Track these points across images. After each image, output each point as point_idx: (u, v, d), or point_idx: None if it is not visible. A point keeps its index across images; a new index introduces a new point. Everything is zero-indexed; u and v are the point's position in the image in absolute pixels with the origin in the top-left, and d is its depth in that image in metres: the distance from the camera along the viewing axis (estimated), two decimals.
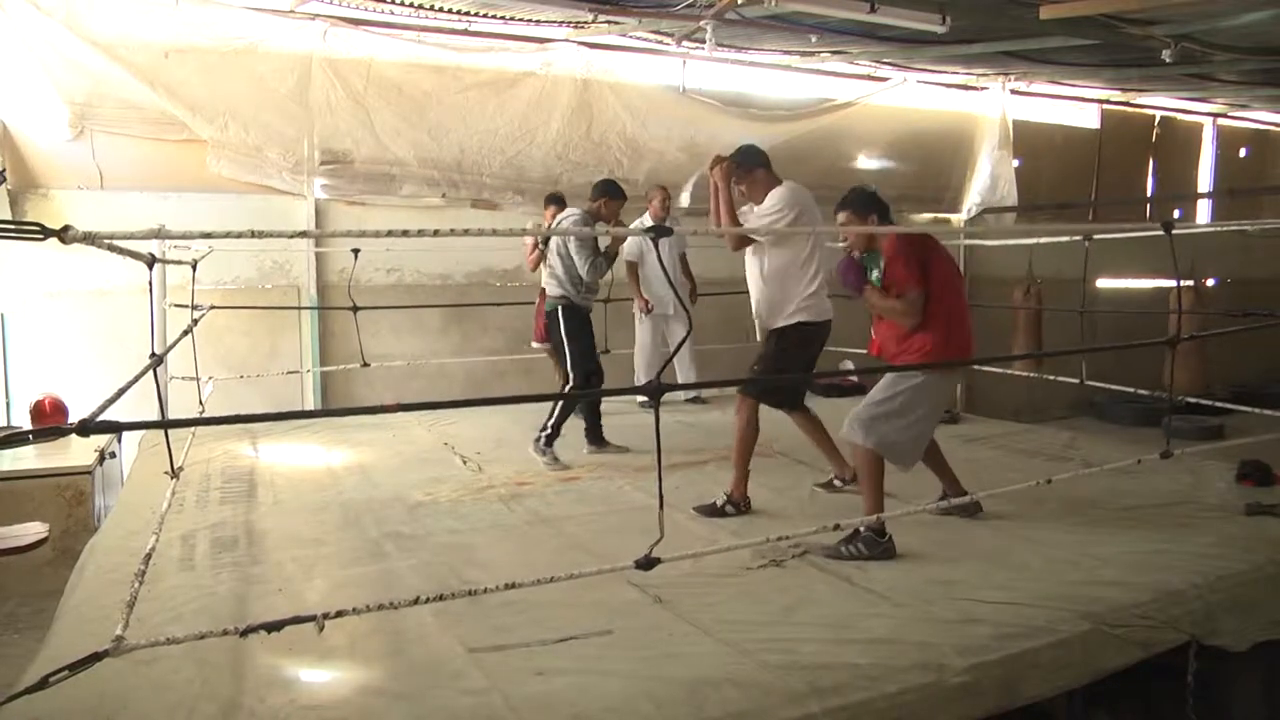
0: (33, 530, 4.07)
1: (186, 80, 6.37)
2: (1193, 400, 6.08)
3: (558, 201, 6.34)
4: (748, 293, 7.78)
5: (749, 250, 4.34)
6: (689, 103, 8.08)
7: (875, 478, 3.63)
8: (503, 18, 6.74)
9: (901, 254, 3.69)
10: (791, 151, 8.42)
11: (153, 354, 3.35)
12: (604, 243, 5.42)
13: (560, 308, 5.36)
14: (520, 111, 7.43)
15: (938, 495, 3.98)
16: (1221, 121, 11.51)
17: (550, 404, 5.33)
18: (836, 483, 4.48)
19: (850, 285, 3.84)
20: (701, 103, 8.11)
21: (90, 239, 2.09)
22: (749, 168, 4.32)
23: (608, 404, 6.56)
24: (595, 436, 5.58)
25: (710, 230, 4.97)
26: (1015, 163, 9.51)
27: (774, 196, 4.22)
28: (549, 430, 5.18)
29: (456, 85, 7.21)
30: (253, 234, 2.33)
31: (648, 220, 6.60)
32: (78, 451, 5.29)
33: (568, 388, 5.41)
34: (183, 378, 5.62)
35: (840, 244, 4.15)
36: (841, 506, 4.08)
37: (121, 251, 3.24)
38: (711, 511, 4.11)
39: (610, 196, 5.39)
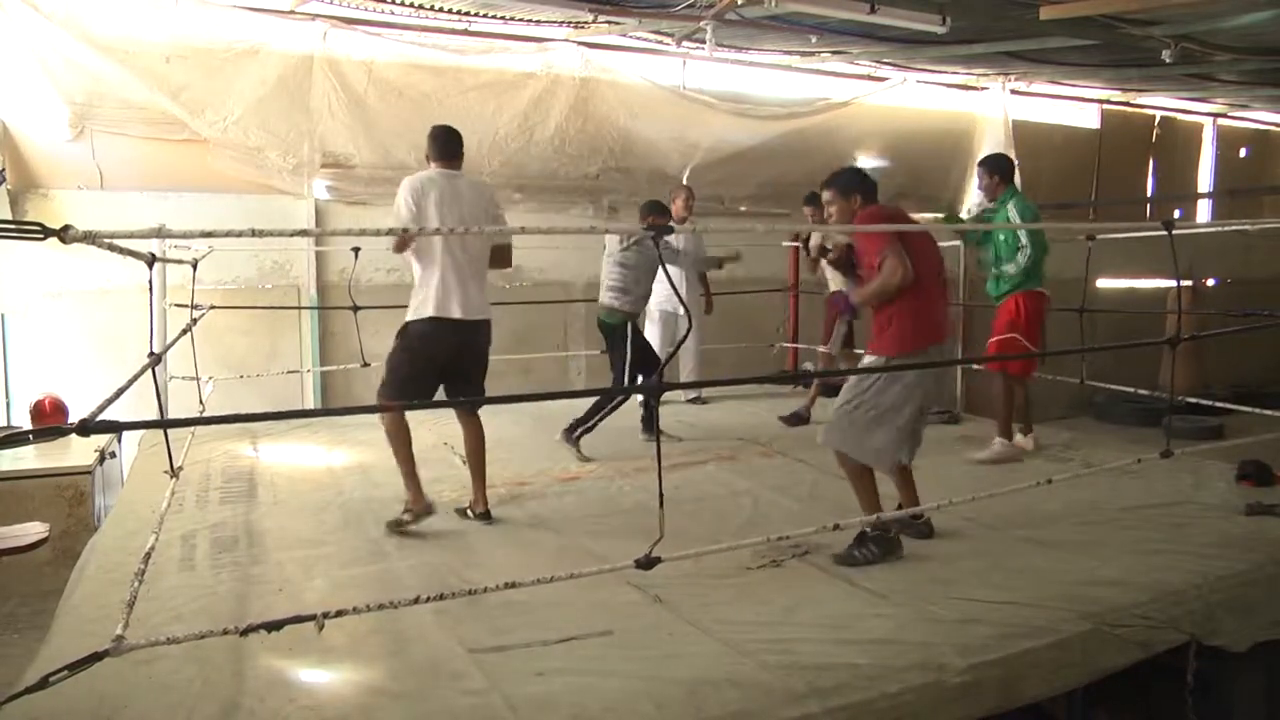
0: (33, 530, 4.07)
1: (187, 81, 6.36)
2: (1193, 400, 6.08)
3: (814, 202, 6.31)
4: (747, 294, 7.80)
5: None
6: (685, 100, 8.09)
7: (865, 479, 3.59)
8: (503, 18, 6.74)
9: (872, 229, 3.61)
10: (790, 149, 8.46)
11: (151, 353, 3.34)
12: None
13: (630, 323, 5.43)
14: (520, 111, 7.43)
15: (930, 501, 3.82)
16: (1221, 121, 11.51)
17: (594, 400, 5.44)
18: (469, 512, 4.07)
19: (844, 310, 3.86)
20: (696, 100, 8.13)
21: (90, 238, 2.09)
22: (425, 155, 4.05)
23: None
24: (650, 425, 5.67)
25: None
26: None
27: None
28: (588, 423, 5.33)
29: (457, 87, 7.21)
30: (253, 233, 2.33)
31: None
32: (78, 451, 5.29)
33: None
34: (183, 377, 5.62)
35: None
36: (841, 506, 4.07)
37: (121, 251, 3.24)
38: (396, 526, 3.87)
39: (657, 215, 5.50)
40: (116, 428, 2.19)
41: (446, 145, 4.00)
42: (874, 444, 3.55)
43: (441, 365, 3.99)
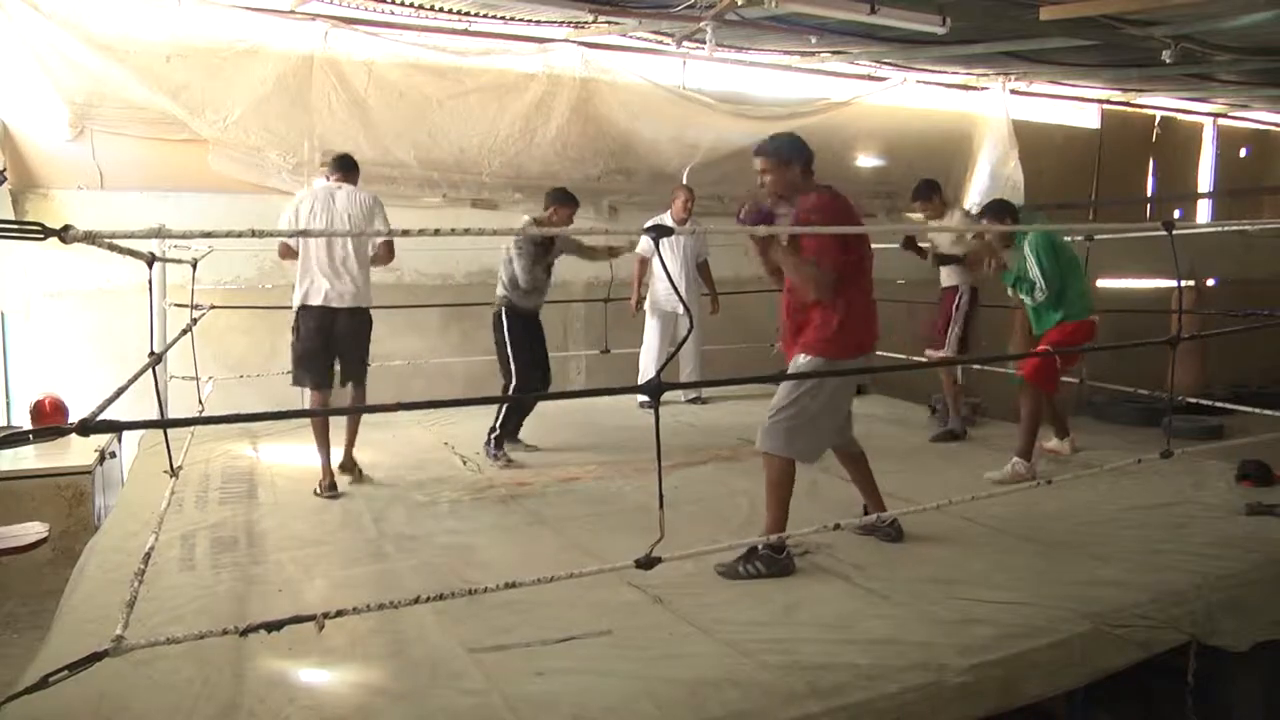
0: (33, 530, 4.07)
1: (187, 81, 6.36)
2: (1193, 400, 6.08)
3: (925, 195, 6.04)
4: (747, 294, 7.80)
5: None
6: (685, 101, 8.08)
7: (783, 492, 3.44)
8: (503, 18, 6.74)
9: (825, 221, 3.37)
10: None
11: (152, 353, 3.34)
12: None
13: (502, 309, 5.38)
14: (521, 113, 7.42)
15: (861, 510, 3.82)
16: (1221, 121, 11.51)
17: (497, 407, 5.39)
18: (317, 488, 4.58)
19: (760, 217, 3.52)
20: (696, 101, 8.12)
21: (90, 238, 2.09)
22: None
23: (610, 402, 6.57)
24: (513, 434, 5.57)
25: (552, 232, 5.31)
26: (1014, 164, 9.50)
27: None
28: (498, 431, 5.28)
29: (458, 88, 7.19)
30: (253, 233, 2.33)
31: (667, 218, 6.63)
32: (78, 451, 5.29)
33: (510, 389, 5.36)
34: (183, 377, 5.62)
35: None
36: (841, 505, 4.07)
37: (122, 251, 3.24)
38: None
39: (560, 204, 5.40)
40: (116, 428, 2.19)
41: (339, 164, 4.85)
42: (805, 445, 3.48)
43: (323, 344, 4.69)
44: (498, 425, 5.30)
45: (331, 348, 4.72)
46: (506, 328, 5.35)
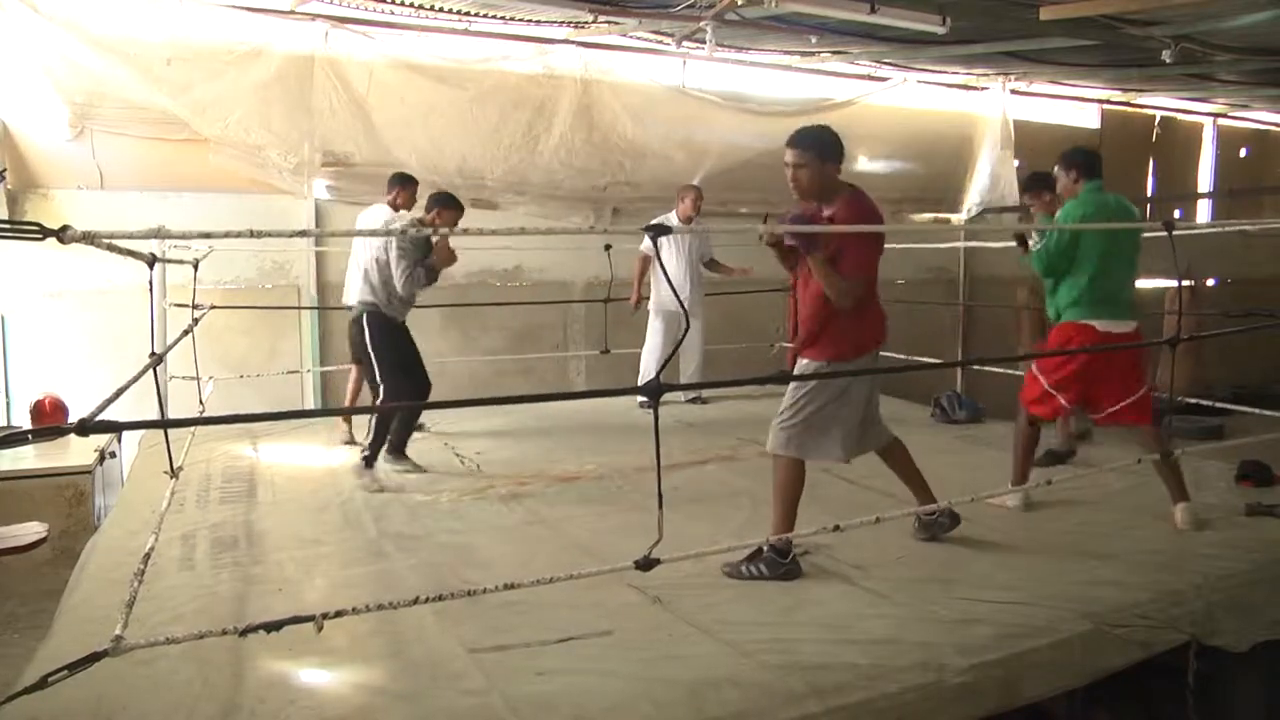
0: (33, 530, 4.07)
1: (188, 82, 6.36)
2: (1193, 400, 6.08)
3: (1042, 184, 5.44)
4: (747, 293, 7.78)
5: None
6: (688, 101, 8.06)
7: (789, 493, 3.42)
8: (503, 18, 6.73)
9: (864, 233, 3.34)
10: None
11: (152, 353, 3.34)
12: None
13: (366, 314, 4.92)
14: (524, 120, 7.39)
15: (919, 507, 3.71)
16: (1221, 121, 11.51)
17: (367, 426, 4.96)
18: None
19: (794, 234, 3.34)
20: (701, 100, 8.10)
21: (89, 239, 2.09)
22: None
23: (610, 402, 6.57)
24: (399, 447, 5.06)
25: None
26: (1016, 163, 9.49)
27: None
28: (368, 453, 4.80)
29: (460, 94, 7.16)
30: (252, 234, 2.33)
31: (673, 218, 6.62)
32: (78, 451, 5.29)
33: (378, 401, 4.94)
34: (183, 377, 5.62)
35: None
36: (841, 506, 4.07)
37: (121, 251, 3.24)
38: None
39: (445, 208, 4.97)
40: (116, 428, 2.19)
41: (392, 181, 5.77)
42: (811, 446, 3.45)
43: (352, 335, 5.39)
44: (367, 445, 4.81)
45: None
46: (369, 335, 4.88)
